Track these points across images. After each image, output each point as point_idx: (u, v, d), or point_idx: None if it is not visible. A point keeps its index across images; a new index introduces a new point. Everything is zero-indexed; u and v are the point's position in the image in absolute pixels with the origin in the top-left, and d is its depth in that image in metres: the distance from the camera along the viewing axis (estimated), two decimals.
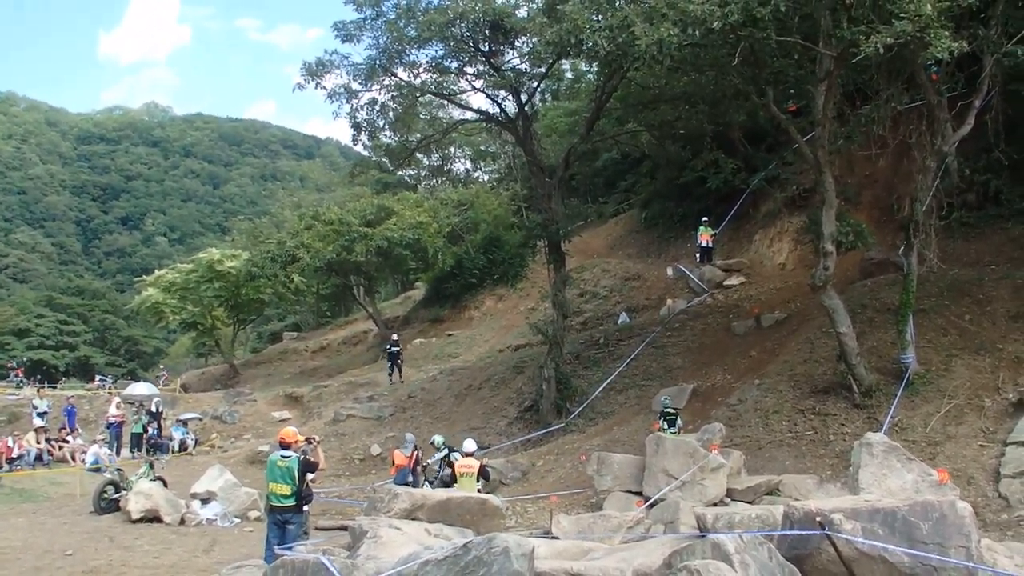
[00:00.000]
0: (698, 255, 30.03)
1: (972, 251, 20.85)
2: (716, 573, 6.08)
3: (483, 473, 14.61)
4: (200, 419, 32.78)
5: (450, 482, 16.21)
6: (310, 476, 10.73)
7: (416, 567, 7.19)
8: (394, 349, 33.12)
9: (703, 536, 7.76)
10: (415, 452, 18.48)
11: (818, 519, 7.13)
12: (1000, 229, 21.11)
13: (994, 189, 21.34)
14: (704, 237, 29.54)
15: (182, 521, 17.27)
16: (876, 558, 6.64)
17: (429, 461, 18.89)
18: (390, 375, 33.09)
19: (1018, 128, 20.13)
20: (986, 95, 16.68)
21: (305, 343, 55.52)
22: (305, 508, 10.96)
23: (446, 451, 18.45)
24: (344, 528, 14.94)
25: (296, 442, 10.60)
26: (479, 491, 14.30)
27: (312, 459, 10.84)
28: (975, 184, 21.56)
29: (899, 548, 6.73)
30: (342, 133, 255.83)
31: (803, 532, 7.33)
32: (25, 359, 68.03)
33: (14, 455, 23.84)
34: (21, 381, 50.46)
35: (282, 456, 10.36)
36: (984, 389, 15.73)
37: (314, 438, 12.34)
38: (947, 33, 12.65)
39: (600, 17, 16.29)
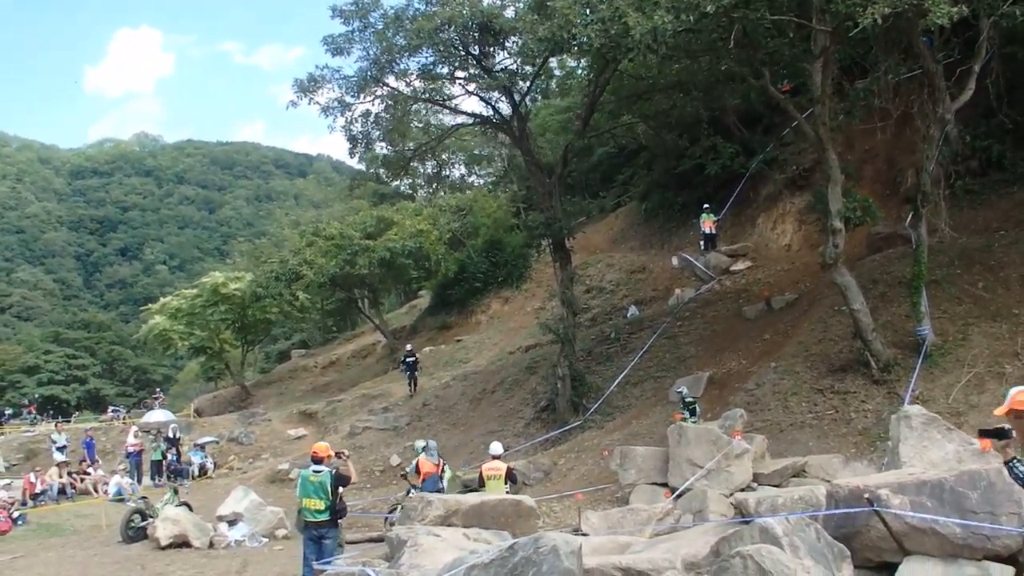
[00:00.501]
0: (702, 242, 29.94)
1: (979, 218, 20.77)
2: (770, 557, 6.03)
3: (511, 476, 14.49)
4: (217, 442, 32.74)
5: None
6: (342, 490, 10.68)
7: (463, 572, 7.13)
8: (410, 359, 32.59)
9: (749, 521, 7.72)
10: (442, 459, 18.36)
11: (866, 496, 7.09)
12: (1006, 194, 21.02)
13: (997, 154, 21.25)
14: (707, 224, 29.46)
15: (211, 544, 17.19)
16: (927, 531, 6.61)
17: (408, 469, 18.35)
18: (410, 385, 32.47)
19: (1018, 91, 20.07)
20: (985, 59, 16.58)
21: (314, 359, 55.48)
22: (340, 522, 10.90)
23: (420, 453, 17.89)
24: (375, 540, 14.98)
25: (328, 456, 10.54)
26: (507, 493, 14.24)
27: (344, 473, 10.79)
28: (977, 151, 21.46)
29: (950, 520, 6.69)
30: (333, 148, 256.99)
31: (851, 510, 7.30)
32: (37, 396, 68.22)
33: (37, 490, 23.82)
34: (35, 418, 50.58)
35: (314, 471, 10.30)
36: (1003, 355, 15.69)
37: (344, 452, 12.30)
38: None
39: (591, 11, 16.27)
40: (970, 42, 16.74)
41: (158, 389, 59.27)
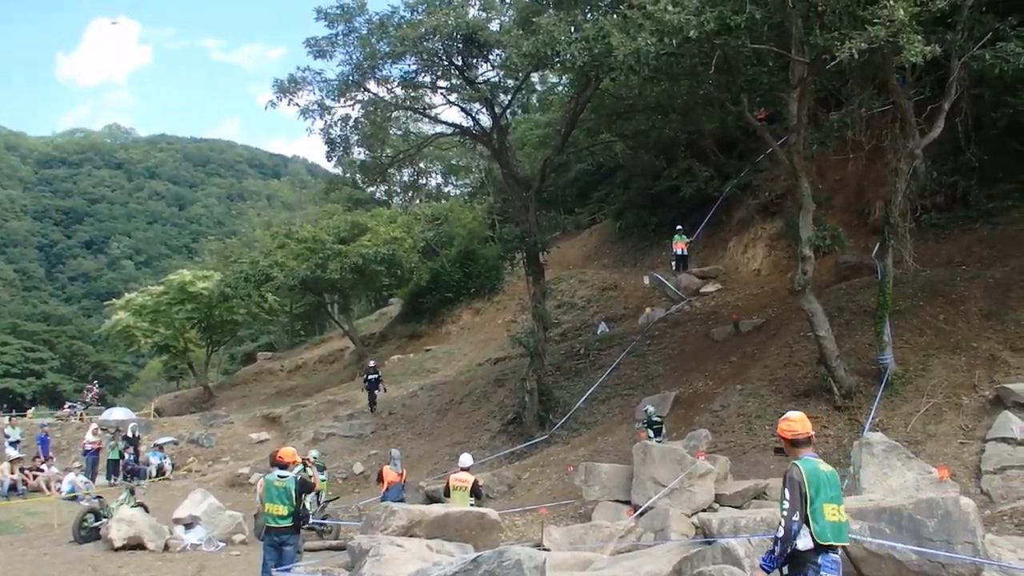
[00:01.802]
0: (674, 263, 30.24)
1: (943, 252, 21.16)
2: None
3: (475, 490, 14.52)
4: (176, 443, 32.40)
5: None
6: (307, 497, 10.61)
7: None
8: (372, 376, 30.82)
9: (711, 541, 7.81)
10: (404, 469, 18.32)
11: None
12: (969, 230, 21.43)
13: (962, 190, 21.65)
14: (679, 245, 29.74)
15: (166, 547, 16.88)
16: (884, 556, 6.73)
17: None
18: (370, 404, 30.74)
19: (984, 130, 20.50)
20: (954, 99, 16.95)
21: (280, 363, 55.00)
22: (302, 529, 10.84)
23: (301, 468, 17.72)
24: (335, 548, 14.89)
25: (294, 462, 10.46)
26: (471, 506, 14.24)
27: (308, 480, 10.74)
28: (944, 186, 21.86)
29: (907, 546, 6.82)
30: (309, 151, 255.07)
31: None
32: None
33: None
34: None
35: (279, 476, 10.20)
36: (961, 387, 15.94)
37: (308, 460, 12.22)
38: (919, 38, 12.90)
39: (576, 29, 16.43)
40: (941, 81, 17.11)
41: (95, 382, 58.24)
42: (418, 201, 57.48)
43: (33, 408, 58.42)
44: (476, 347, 37.53)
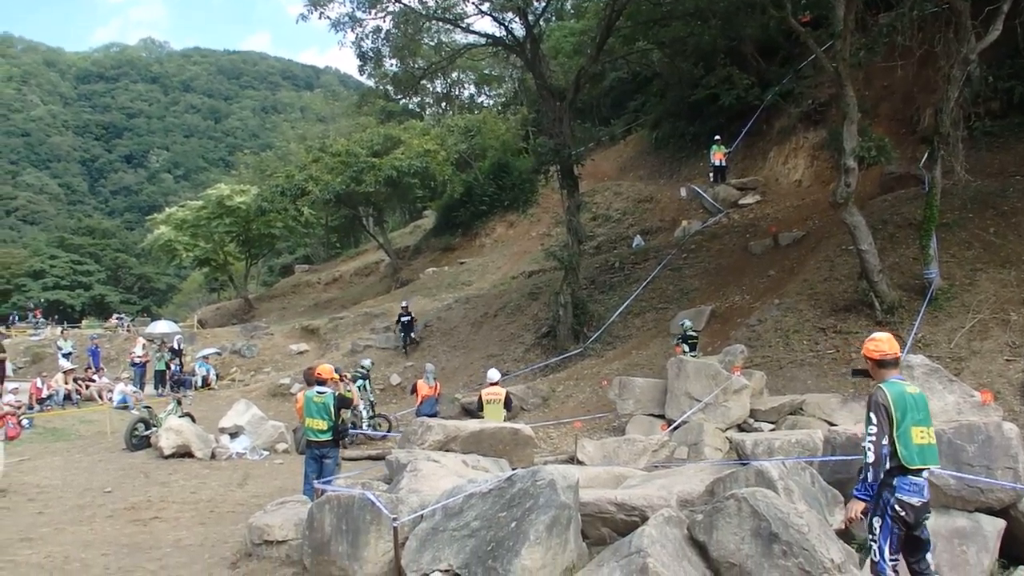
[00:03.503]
0: (711, 175, 29.73)
1: (996, 162, 20.46)
2: (764, 501, 6.10)
3: (507, 402, 14.73)
4: (219, 354, 33.09)
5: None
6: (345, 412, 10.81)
7: (461, 500, 7.24)
8: (405, 319, 29.15)
9: (746, 463, 7.80)
10: (437, 382, 18.56)
11: (862, 444, 7.13)
12: None
13: (1020, 96, 20.78)
14: (717, 156, 29.18)
15: (213, 456, 17.40)
16: None
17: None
18: (404, 348, 28.92)
19: None
20: None
21: (317, 275, 55.66)
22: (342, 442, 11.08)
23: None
24: (373, 458, 15.20)
25: (332, 379, 10.65)
26: (505, 418, 14.42)
27: (346, 395, 10.91)
28: (999, 92, 21.01)
29: (945, 471, 6.73)
30: (341, 62, 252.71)
31: (847, 457, 7.36)
32: (42, 300, 68.75)
33: (43, 395, 24.19)
34: (39, 322, 51.09)
35: (318, 392, 10.43)
36: (1009, 303, 15.60)
37: (345, 375, 12.40)
38: None
39: None
40: None
41: (121, 314, 59.39)
42: (451, 113, 56.85)
43: (86, 319, 60.25)
44: (510, 260, 37.52)
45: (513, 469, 9.25)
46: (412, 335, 29.13)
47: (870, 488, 5.73)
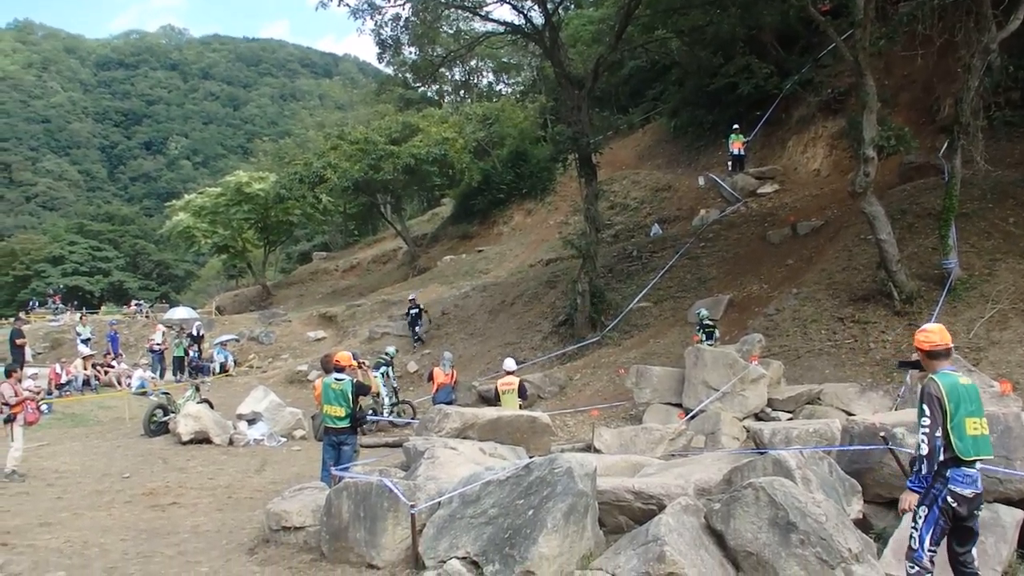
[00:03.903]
0: (730, 163, 29.61)
1: (1016, 152, 20.33)
2: (782, 490, 6.12)
3: (521, 390, 14.81)
4: (238, 340, 33.26)
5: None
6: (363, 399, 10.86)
7: (478, 488, 7.29)
8: (414, 311, 29.07)
9: (763, 452, 7.81)
10: (453, 370, 18.63)
11: (881, 434, 7.12)
12: None
13: None
14: (736, 145, 29.05)
15: (231, 442, 17.51)
16: None
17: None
18: (413, 338, 28.86)
19: None
20: None
21: (335, 263, 55.82)
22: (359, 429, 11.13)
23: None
24: (391, 445, 15.27)
25: (351, 366, 10.70)
26: (520, 406, 14.49)
27: (364, 382, 10.97)
28: (1019, 82, 20.80)
29: None
30: (360, 49, 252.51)
31: (865, 447, 7.36)
32: (61, 286, 69.24)
33: (62, 381, 24.38)
34: (59, 307, 51.47)
35: (336, 379, 10.48)
36: None
37: (364, 362, 12.45)
38: None
39: None
40: None
41: (139, 301, 59.66)
42: (469, 101, 56.76)
43: (105, 305, 60.67)
44: (528, 248, 37.53)
45: (530, 457, 9.29)
46: (417, 330, 28.81)
47: (924, 480, 5.68)
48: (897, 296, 16.67)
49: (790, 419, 13.60)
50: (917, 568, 5.68)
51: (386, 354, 20.31)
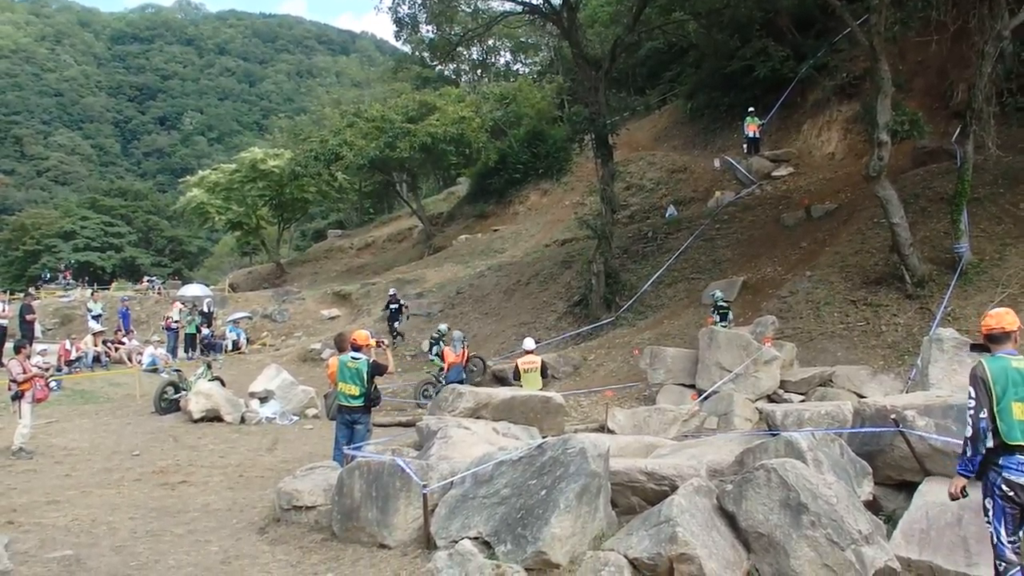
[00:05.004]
0: (745, 146, 29.50)
1: None
2: (793, 471, 6.18)
3: (543, 369, 14.93)
4: (250, 318, 33.29)
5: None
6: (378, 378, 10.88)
7: (491, 468, 7.35)
8: (393, 307, 28.03)
9: (775, 434, 7.87)
10: (465, 349, 18.64)
11: (892, 416, 7.18)
12: None
13: None
14: (751, 128, 28.94)
15: (242, 420, 17.39)
16: (950, 454, 6.67)
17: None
18: (392, 335, 27.00)
19: None
20: None
21: (350, 241, 55.83)
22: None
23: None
24: (404, 424, 15.38)
25: (368, 345, 10.69)
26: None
27: (381, 362, 10.97)
28: None
29: None
30: (377, 27, 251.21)
31: (876, 429, 7.41)
32: (72, 261, 69.26)
33: (72, 357, 24.10)
34: (69, 283, 51.54)
35: (352, 358, 10.46)
36: None
37: (383, 341, 12.47)
38: None
39: None
40: None
41: (153, 276, 59.70)
42: (486, 80, 56.60)
43: (116, 281, 60.79)
44: (543, 228, 37.51)
45: (544, 437, 9.35)
46: (396, 326, 27.78)
47: (969, 463, 5.57)
48: (909, 280, 16.73)
49: (802, 401, 13.67)
50: (1004, 564, 5.55)
51: (438, 331, 20.58)
